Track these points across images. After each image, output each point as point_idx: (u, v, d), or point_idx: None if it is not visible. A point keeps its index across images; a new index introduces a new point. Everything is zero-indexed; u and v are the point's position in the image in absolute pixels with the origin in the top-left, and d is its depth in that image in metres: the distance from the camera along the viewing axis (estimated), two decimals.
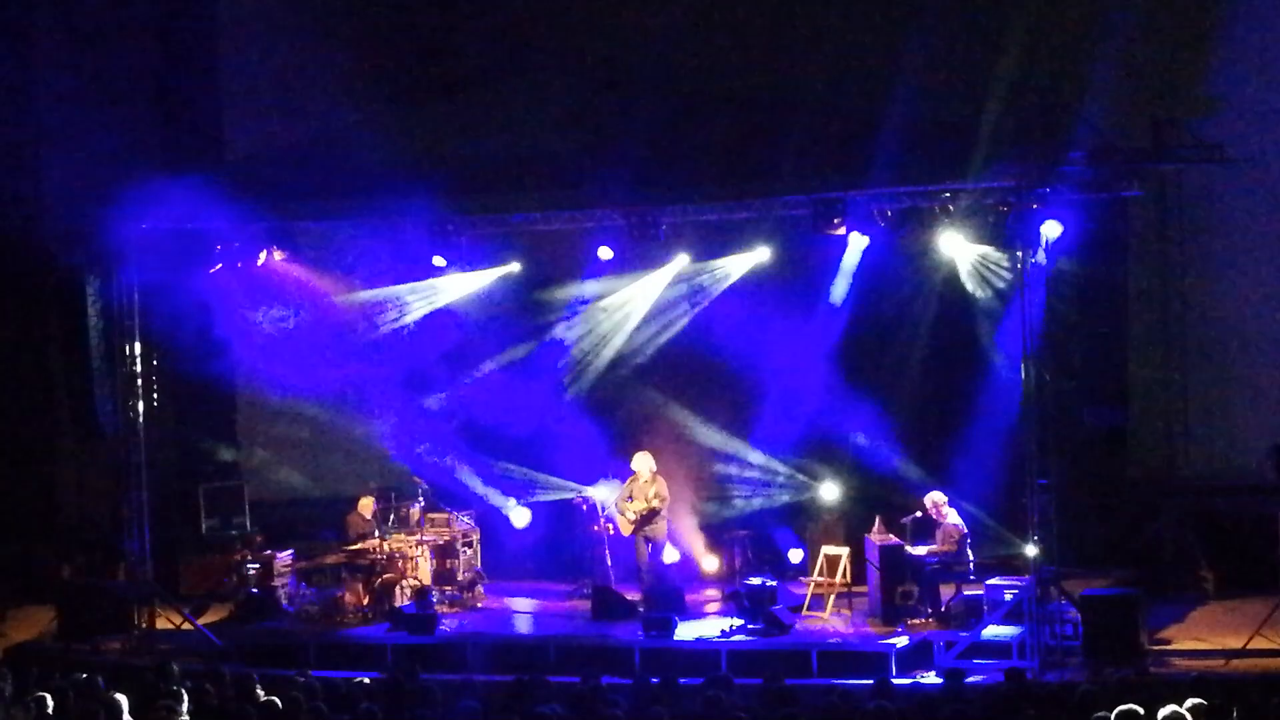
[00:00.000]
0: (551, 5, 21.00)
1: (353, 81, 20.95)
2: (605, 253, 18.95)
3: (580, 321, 20.60)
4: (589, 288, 20.19)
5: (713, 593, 19.09)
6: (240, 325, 20.24)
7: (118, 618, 18.04)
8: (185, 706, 11.59)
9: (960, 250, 18.12)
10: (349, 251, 20.09)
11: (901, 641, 16.16)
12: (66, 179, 20.75)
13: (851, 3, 19.99)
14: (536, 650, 16.70)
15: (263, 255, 18.76)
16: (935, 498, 17.58)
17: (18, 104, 21.45)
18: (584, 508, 19.65)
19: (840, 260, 18.78)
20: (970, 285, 18.53)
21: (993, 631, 16.21)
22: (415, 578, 18.78)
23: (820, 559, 17.97)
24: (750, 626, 16.88)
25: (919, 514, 17.63)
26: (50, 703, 11.55)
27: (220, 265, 18.65)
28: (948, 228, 17.59)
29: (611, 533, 19.22)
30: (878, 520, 17.68)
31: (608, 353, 20.68)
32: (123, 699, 11.55)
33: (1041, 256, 16.27)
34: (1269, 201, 19.05)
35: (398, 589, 18.52)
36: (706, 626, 17.30)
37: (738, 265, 19.46)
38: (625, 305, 20.32)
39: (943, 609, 16.98)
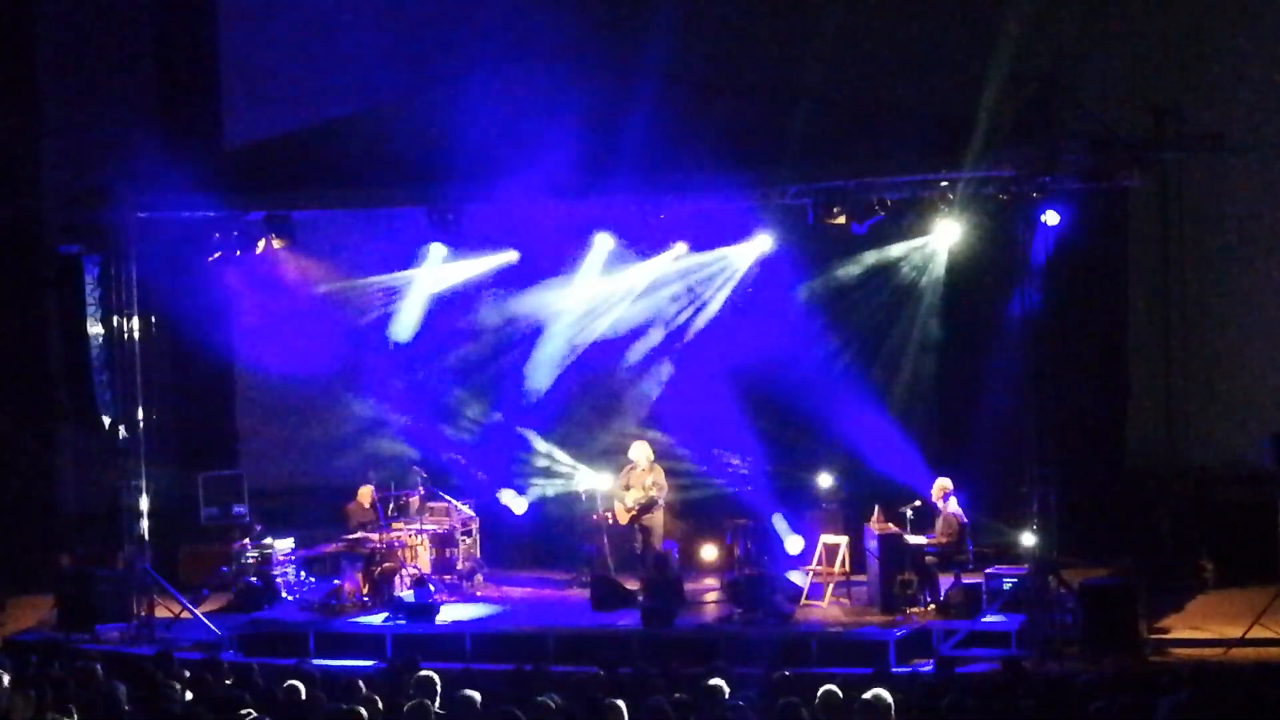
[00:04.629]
0: None
1: (352, 68, 20.93)
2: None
3: (577, 309, 20.57)
4: (586, 275, 20.16)
5: (712, 582, 19.10)
6: (239, 313, 20.23)
7: (117, 607, 18.04)
8: (184, 695, 11.60)
9: (959, 240, 18.14)
10: (347, 239, 20.07)
11: (900, 630, 16.17)
12: (65, 166, 20.74)
13: None
14: (536, 639, 16.70)
15: (261, 243, 18.73)
16: (943, 484, 17.59)
17: (16, 91, 21.42)
18: (584, 497, 19.67)
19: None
20: (969, 274, 18.56)
21: (991, 620, 16.23)
22: (415, 567, 18.80)
23: (819, 548, 17.98)
24: (749, 615, 16.88)
25: (918, 503, 17.64)
26: (50, 692, 11.56)
27: (219, 253, 18.63)
28: (948, 217, 17.60)
29: (611, 522, 19.23)
30: (877, 509, 17.69)
31: (605, 340, 20.69)
32: (122, 688, 11.56)
33: (1041, 246, 16.25)
34: (1269, 190, 19.07)
35: (397, 578, 18.53)
36: (706, 615, 17.31)
37: (738, 255, 19.46)
38: (623, 293, 20.32)
39: (942, 598, 16.99)
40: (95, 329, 17.92)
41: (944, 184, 17.00)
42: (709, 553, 19.61)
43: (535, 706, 10.79)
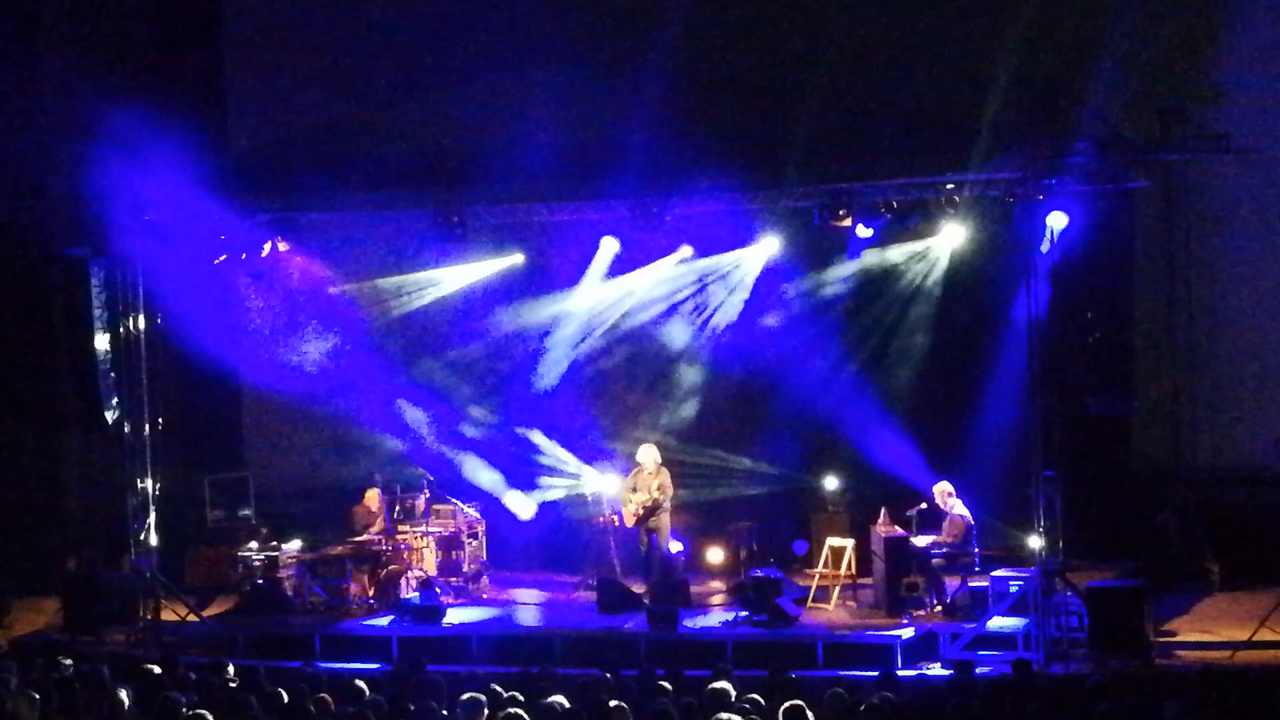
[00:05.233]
0: None
1: (358, 70, 20.93)
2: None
3: (583, 313, 20.57)
4: (592, 279, 20.16)
5: (718, 584, 19.11)
6: (246, 316, 20.24)
7: (123, 609, 18.05)
8: (191, 698, 11.60)
9: (965, 241, 18.15)
10: (354, 241, 20.07)
11: (907, 633, 16.16)
12: (70, 170, 20.73)
13: None
14: (542, 642, 16.70)
15: (267, 246, 18.76)
16: (943, 488, 17.57)
17: (21, 92, 21.42)
18: (591, 500, 19.67)
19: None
20: (974, 276, 18.56)
21: (998, 623, 16.22)
22: (420, 569, 18.81)
23: (825, 551, 17.97)
24: (755, 618, 16.88)
25: (924, 505, 17.62)
26: (55, 695, 11.57)
27: (225, 256, 18.66)
28: (953, 219, 17.61)
29: (617, 524, 19.23)
30: (883, 512, 17.68)
31: (612, 343, 20.69)
32: (128, 691, 11.57)
33: (1046, 248, 16.25)
34: (1275, 192, 19.02)
35: (403, 580, 18.54)
36: (712, 618, 17.31)
37: (744, 259, 19.46)
38: (629, 297, 20.31)
39: (948, 601, 16.98)
40: (101, 331, 17.94)
41: (949, 186, 17.01)
42: (715, 555, 19.59)
43: (541, 709, 10.81)
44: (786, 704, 10.33)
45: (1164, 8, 19.26)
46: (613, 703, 10.83)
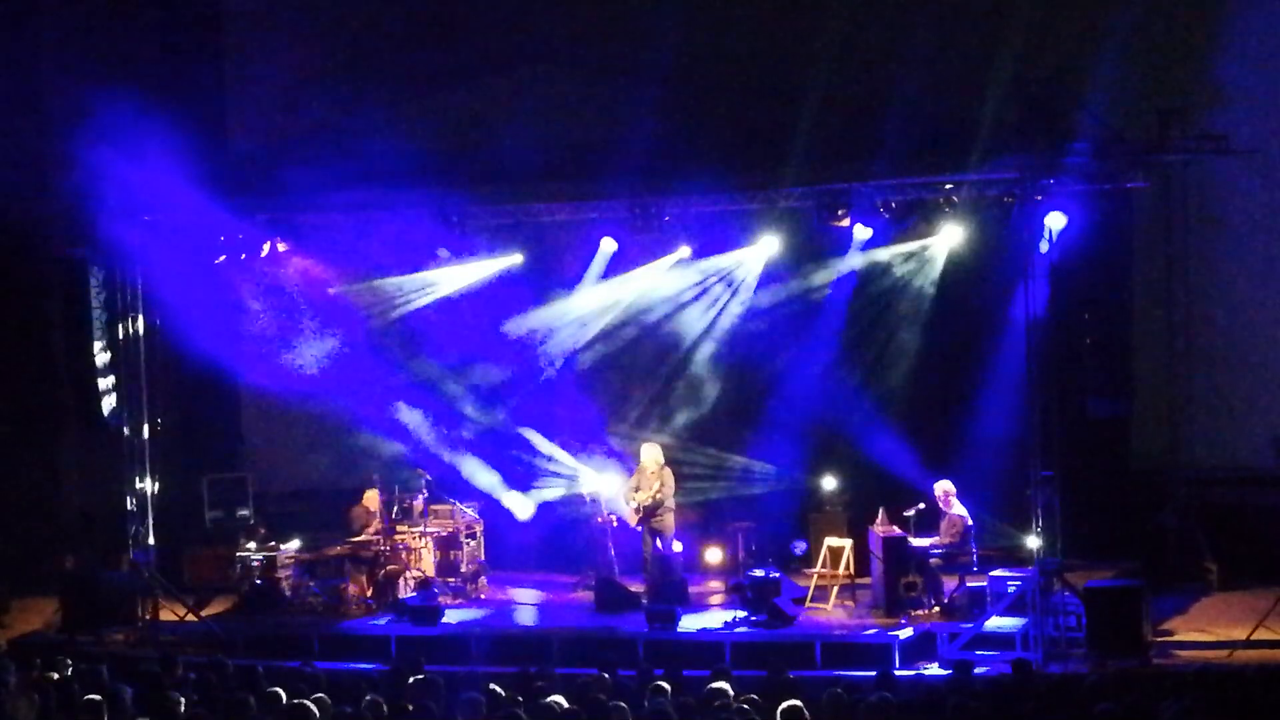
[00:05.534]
0: None
1: (357, 71, 20.93)
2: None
3: (582, 313, 20.57)
4: (591, 278, 20.17)
5: (716, 584, 19.11)
6: (244, 316, 20.24)
7: (121, 609, 18.06)
8: (189, 698, 11.60)
9: (963, 241, 18.16)
10: (352, 242, 20.07)
11: (905, 633, 16.16)
12: (69, 170, 20.74)
13: None
14: (540, 642, 16.70)
15: (266, 246, 18.75)
16: (945, 486, 17.57)
17: (21, 94, 21.42)
18: (589, 500, 19.68)
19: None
20: (972, 276, 18.57)
21: (996, 623, 16.22)
22: (419, 569, 18.81)
23: (823, 551, 17.97)
24: (754, 618, 16.87)
25: (922, 505, 17.63)
26: (54, 695, 11.57)
27: (224, 256, 18.67)
28: (951, 219, 17.61)
29: (616, 524, 19.23)
30: (881, 512, 17.69)
31: (611, 343, 20.70)
32: (128, 690, 11.57)
33: (1045, 248, 16.25)
34: (1273, 192, 19.03)
35: (401, 580, 18.54)
36: (710, 618, 17.31)
37: (744, 259, 19.46)
38: (627, 297, 20.31)
39: (946, 600, 16.98)
40: (100, 331, 17.94)
41: (948, 186, 17.02)
42: (714, 555, 19.60)
43: (539, 709, 10.81)
44: (785, 704, 10.33)
45: (1164, 8, 19.28)
46: (611, 702, 10.83)
